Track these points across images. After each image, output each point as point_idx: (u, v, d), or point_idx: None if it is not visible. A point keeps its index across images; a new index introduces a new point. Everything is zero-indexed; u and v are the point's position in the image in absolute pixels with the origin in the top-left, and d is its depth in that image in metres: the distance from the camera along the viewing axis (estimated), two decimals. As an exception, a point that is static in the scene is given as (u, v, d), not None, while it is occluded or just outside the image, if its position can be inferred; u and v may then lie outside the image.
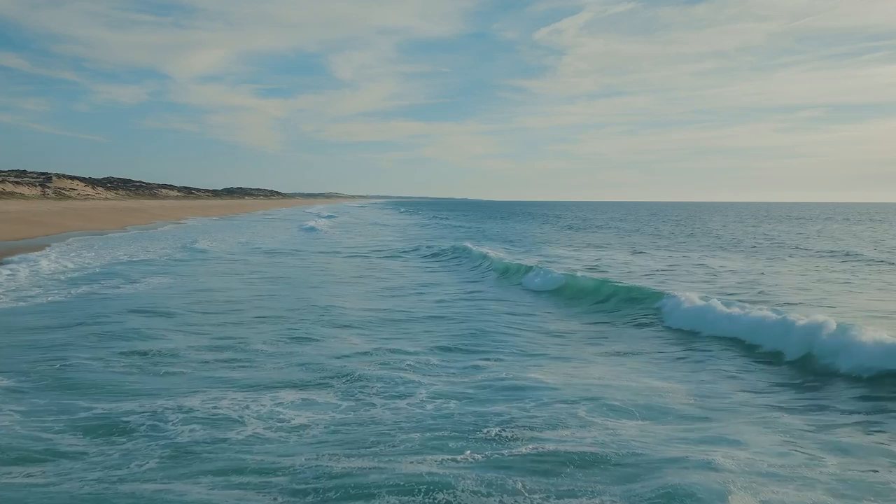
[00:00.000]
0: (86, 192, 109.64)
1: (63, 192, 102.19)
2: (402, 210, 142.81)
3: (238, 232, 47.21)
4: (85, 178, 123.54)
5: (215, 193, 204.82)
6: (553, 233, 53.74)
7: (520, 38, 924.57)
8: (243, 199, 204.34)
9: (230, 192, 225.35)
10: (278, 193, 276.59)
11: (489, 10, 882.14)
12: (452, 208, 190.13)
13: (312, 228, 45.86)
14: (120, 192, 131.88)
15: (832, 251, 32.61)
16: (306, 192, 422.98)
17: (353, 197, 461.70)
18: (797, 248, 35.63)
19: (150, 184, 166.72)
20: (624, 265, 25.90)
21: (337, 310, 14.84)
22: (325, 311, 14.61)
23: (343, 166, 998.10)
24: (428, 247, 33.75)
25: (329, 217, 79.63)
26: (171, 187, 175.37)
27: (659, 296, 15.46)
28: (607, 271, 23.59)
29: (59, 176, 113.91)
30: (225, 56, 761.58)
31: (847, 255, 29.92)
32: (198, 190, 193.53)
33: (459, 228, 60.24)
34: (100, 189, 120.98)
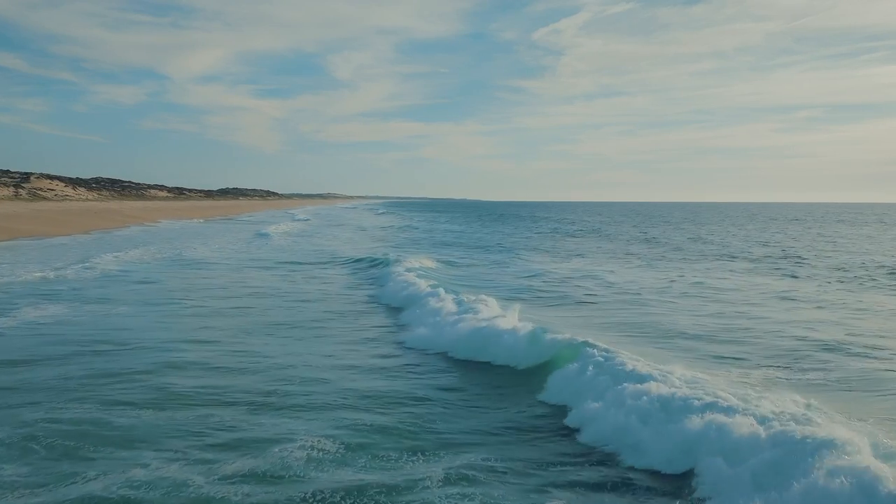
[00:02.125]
0: (64, 193, 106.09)
1: (38, 192, 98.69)
2: (381, 211, 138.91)
3: (193, 238, 43.90)
4: (66, 178, 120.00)
5: (208, 194, 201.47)
6: (539, 238, 50.50)
7: (518, 39, 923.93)
8: (237, 199, 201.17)
9: (224, 193, 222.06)
10: (274, 194, 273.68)
11: (487, 11, 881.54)
12: (446, 209, 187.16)
13: (266, 234, 42.78)
14: (104, 192, 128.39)
15: (867, 265, 28.91)
16: (304, 192, 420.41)
17: (352, 197, 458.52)
18: (812, 259, 32.40)
19: (139, 184, 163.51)
20: (629, 284, 22.48)
21: (169, 378, 10.44)
22: (154, 379, 10.95)
23: (341, 167, 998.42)
24: (372, 259, 29.30)
25: (303, 220, 77.11)
26: (162, 187, 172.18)
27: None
28: (594, 297, 20.28)
29: (39, 176, 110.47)
30: (223, 56, 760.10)
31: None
32: (189, 190, 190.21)
33: (436, 232, 56.76)
34: (81, 189, 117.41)
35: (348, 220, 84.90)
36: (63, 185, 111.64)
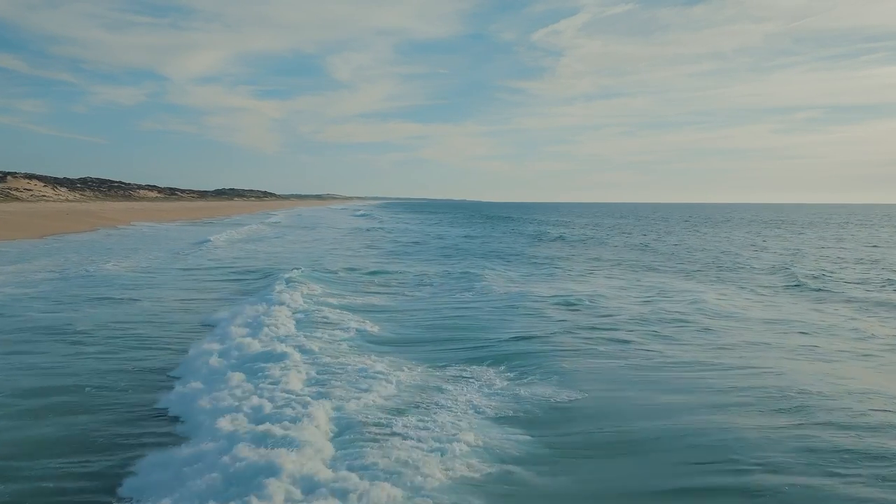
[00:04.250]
0: (42, 194, 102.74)
1: (12, 193, 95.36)
2: (361, 213, 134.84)
3: (145, 243, 40.38)
4: (48, 178, 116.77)
5: (201, 195, 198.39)
6: (526, 243, 46.98)
7: (517, 40, 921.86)
8: (231, 200, 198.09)
9: (220, 194, 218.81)
10: (271, 195, 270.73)
11: (487, 12, 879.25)
12: (440, 210, 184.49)
13: (206, 240, 39.38)
14: (88, 192, 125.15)
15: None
16: (303, 193, 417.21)
17: (350, 198, 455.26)
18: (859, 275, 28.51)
19: (128, 184, 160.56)
20: (628, 315, 17.55)
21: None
22: None
23: (341, 167, 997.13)
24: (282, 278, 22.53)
25: (273, 223, 73.97)
26: (153, 188, 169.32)
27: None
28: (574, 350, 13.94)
29: (19, 175, 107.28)
30: (223, 57, 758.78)
31: None
32: (182, 191, 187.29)
33: (410, 233, 52.94)
34: (62, 190, 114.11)
35: (323, 223, 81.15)
36: (42, 185, 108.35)
